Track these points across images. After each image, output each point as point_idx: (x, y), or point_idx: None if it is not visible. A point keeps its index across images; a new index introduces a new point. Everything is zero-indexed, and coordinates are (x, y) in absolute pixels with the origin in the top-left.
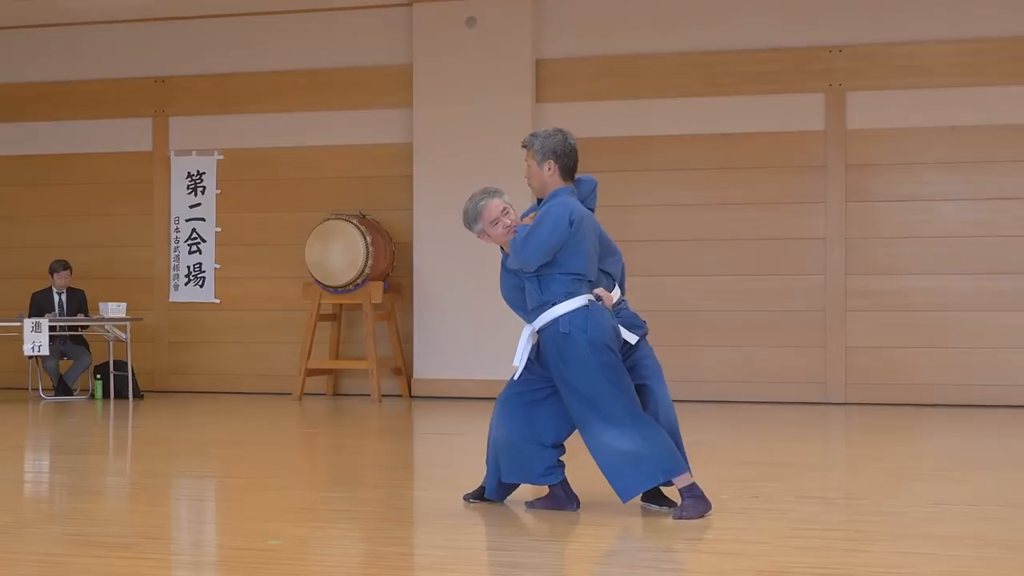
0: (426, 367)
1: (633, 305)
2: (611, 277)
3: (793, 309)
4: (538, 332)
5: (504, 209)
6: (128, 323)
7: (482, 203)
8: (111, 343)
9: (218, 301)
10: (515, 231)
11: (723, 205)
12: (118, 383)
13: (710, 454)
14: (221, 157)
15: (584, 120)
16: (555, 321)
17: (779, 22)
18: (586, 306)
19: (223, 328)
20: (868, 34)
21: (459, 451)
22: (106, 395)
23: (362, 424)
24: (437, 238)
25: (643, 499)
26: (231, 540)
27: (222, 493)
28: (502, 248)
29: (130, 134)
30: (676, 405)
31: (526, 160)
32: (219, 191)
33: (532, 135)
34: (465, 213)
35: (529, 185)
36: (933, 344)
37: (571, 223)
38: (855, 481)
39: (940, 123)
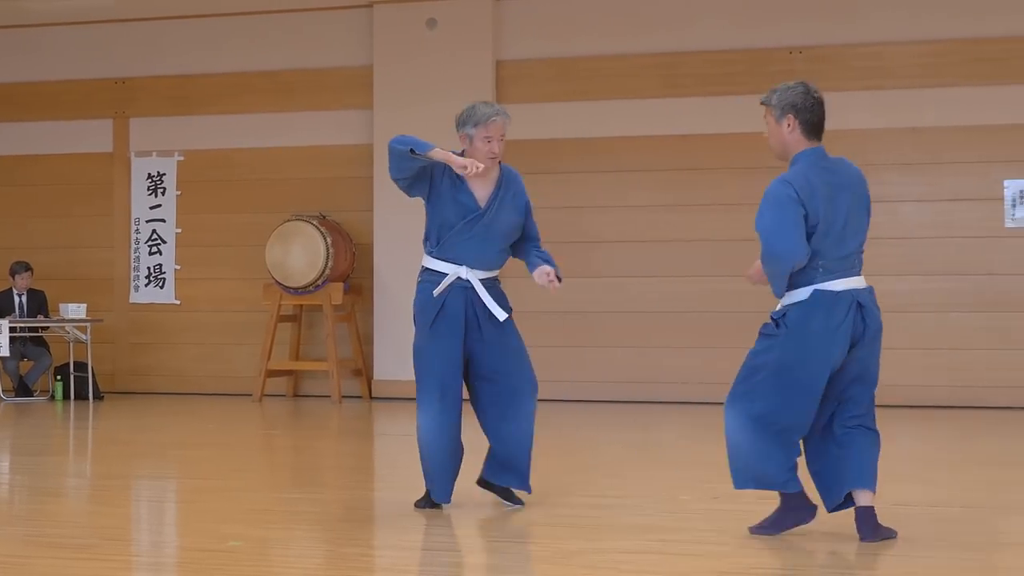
0: (386, 368)
1: (594, 307)
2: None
3: (754, 310)
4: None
5: (503, 136)
6: (88, 324)
7: (496, 117)
8: (71, 344)
9: (178, 302)
10: (499, 165)
11: (683, 206)
12: (78, 384)
13: (671, 455)
14: (181, 158)
15: (544, 121)
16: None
17: (739, 24)
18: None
19: (183, 329)
20: (828, 35)
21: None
22: (66, 396)
23: (322, 425)
24: (397, 239)
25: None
26: (191, 541)
27: (182, 495)
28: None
29: (90, 135)
30: (637, 407)
31: (764, 118)
32: (179, 192)
33: (771, 90)
34: (473, 109)
35: (769, 147)
36: (893, 345)
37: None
38: None
39: (900, 124)
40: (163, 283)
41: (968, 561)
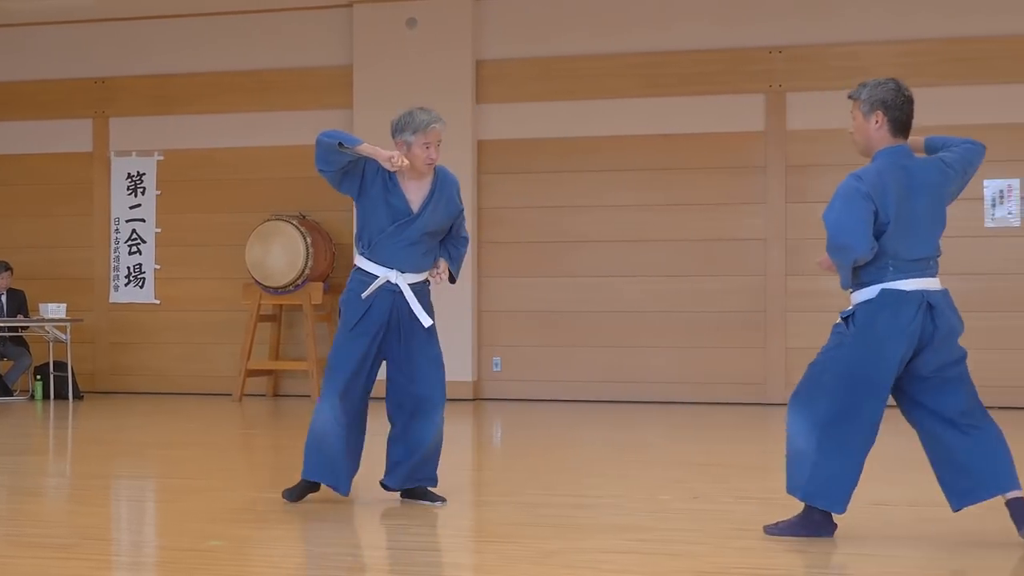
0: None
1: (575, 306)
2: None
3: (733, 310)
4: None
5: (439, 142)
6: (68, 324)
7: (435, 124)
8: (51, 344)
9: (158, 302)
10: (434, 169)
11: (663, 206)
12: (58, 384)
13: (650, 455)
14: (161, 158)
15: (524, 121)
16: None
17: (719, 23)
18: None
19: (163, 329)
20: (808, 35)
21: None
22: (46, 396)
23: (302, 425)
24: None
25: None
26: (171, 541)
27: (162, 494)
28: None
29: (70, 135)
30: (618, 406)
31: (851, 112)
32: (159, 192)
33: (861, 84)
34: (411, 116)
35: (853, 142)
36: None
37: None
38: None
39: None
40: (143, 283)
41: (948, 561)
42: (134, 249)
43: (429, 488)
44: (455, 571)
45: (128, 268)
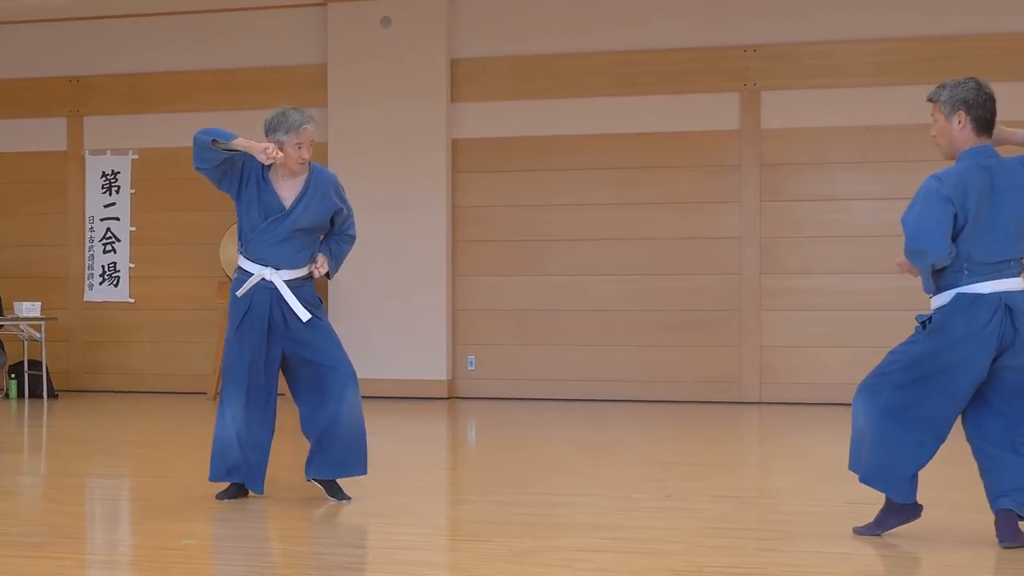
0: None
1: (549, 305)
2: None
3: (708, 308)
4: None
5: (312, 142)
6: (43, 322)
7: (307, 125)
8: (25, 342)
9: (132, 301)
10: (308, 168)
11: (638, 205)
12: (32, 383)
13: (624, 453)
14: (136, 156)
15: (499, 120)
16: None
17: (693, 22)
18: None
19: (137, 328)
20: (783, 34)
21: (373, 451)
22: (20, 395)
23: (279, 425)
24: None
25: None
26: (145, 539)
27: (136, 492)
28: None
29: (44, 134)
30: (592, 404)
31: (932, 115)
32: (134, 191)
33: (939, 86)
34: (284, 116)
35: (936, 145)
36: (847, 343)
37: (946, 199)
38: (769, 480)
39: (854, 123)
40: (117, 281)
41: (921, 559)
42: (108, 248)
43: (339, 480)
44: (429, 570)
45: (102, 267)
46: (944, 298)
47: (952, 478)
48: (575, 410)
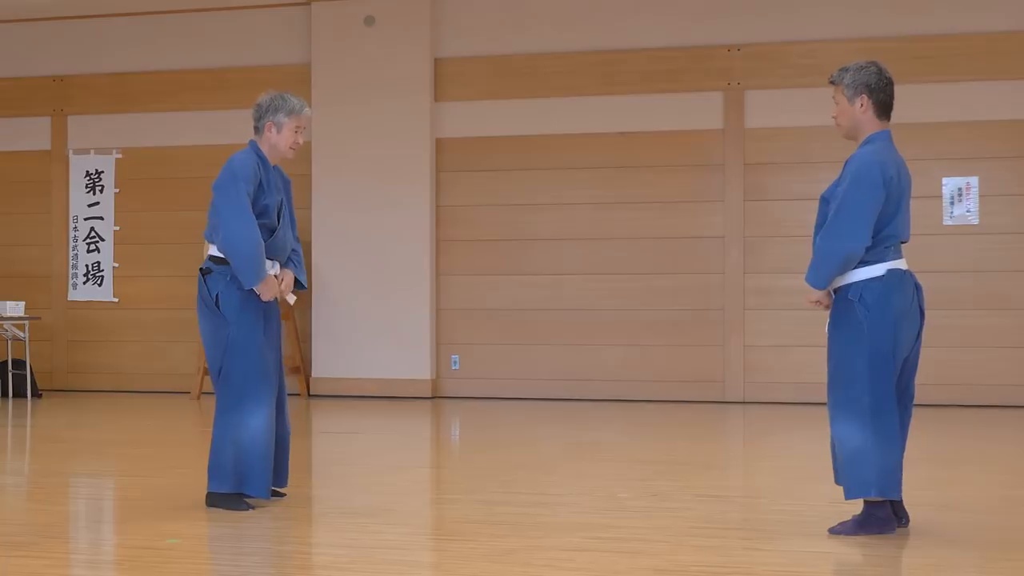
0: (325, 366)
1: (532, 304)
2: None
3: (691, 308)
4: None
5: (306, 129)
6: (26, 322)
7: (306, 110)
8: (9, 342)
9: (116, 300)
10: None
11: (622, 204)
12: (16, 382)
13: (609, 452)
14: (119, 156)
15: (483, 119)
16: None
17: (677, 21)
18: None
19: (121, 327)
20: (767, 33)
21: (357, 450)
22: (4, 394)
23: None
24: (336, 237)
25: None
26: (129, 539)
27: (120, 492)
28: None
29: (28, 133)
30: (576, 404)
31: (834, 97)
32: (117, 190)
33: (842, 69)
34: (284, 99)
35: (837, 126)
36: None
37: (884, 182)
38: (753, 480)
39: None
40: (101, 281)
41: (902, 558)
42: (92, 247)
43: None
44: (414, 569)
45: (86, 266)
46: (876, 270)
47: (934, 477)
48: (559, 409)
